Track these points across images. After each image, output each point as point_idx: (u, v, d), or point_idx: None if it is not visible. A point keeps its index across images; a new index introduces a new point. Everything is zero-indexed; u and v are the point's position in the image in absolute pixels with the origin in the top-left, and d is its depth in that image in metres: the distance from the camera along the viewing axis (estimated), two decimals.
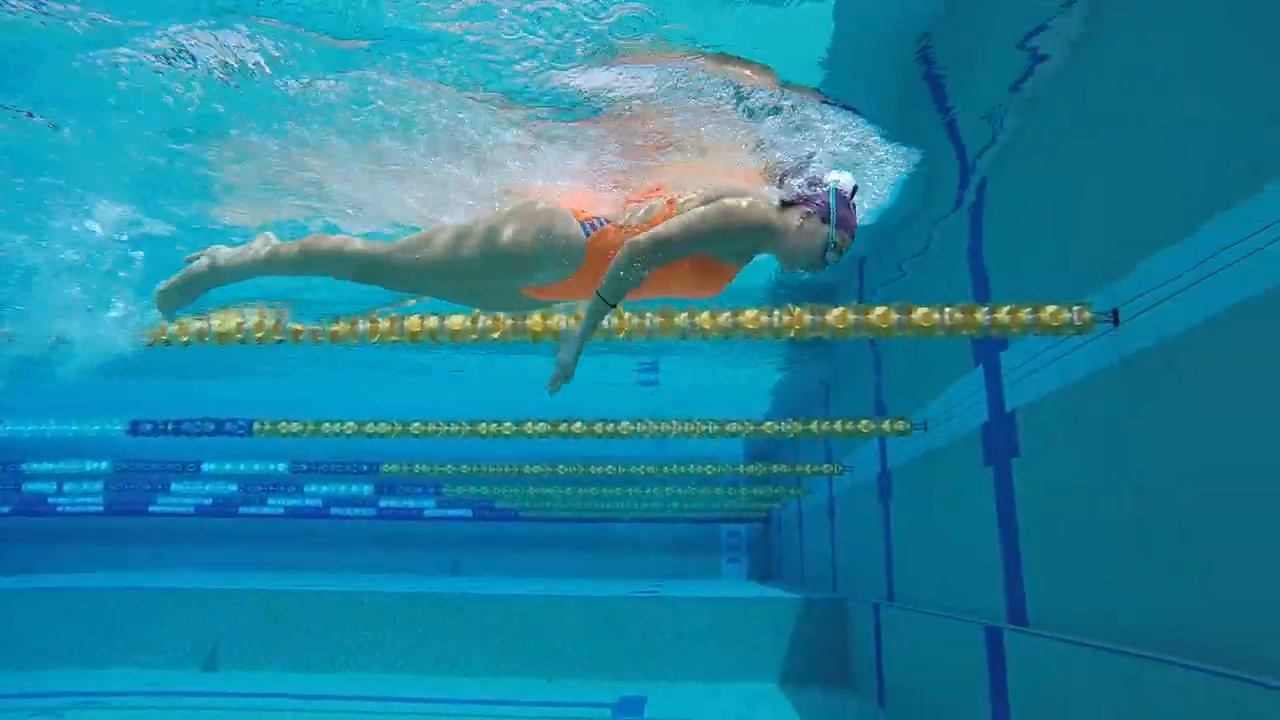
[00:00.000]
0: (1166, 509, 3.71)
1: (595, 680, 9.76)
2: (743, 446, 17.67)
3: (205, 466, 10.90)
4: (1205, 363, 3.40)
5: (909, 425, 7.20)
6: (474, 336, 4.46)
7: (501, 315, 4.36)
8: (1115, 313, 4.04)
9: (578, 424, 7.68)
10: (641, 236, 2.41)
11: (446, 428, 7.80)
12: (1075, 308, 4.07)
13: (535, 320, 4.21)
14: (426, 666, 10.11)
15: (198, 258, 3.02)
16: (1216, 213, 3.23)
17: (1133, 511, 4.00)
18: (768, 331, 4.12)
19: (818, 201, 2.64)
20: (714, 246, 2.48)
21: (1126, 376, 4.03)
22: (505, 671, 9.98)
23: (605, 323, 4.28)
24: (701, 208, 2.48)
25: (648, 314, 4.17)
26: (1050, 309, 4.06)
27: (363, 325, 4.66)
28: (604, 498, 16.03)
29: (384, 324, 4.64)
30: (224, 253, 3.00)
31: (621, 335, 4.25)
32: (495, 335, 4.45)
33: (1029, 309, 4.08)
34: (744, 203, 2.50)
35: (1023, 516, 5.27)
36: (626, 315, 4.32)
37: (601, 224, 2.67)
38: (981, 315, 4.08)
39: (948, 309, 4.13)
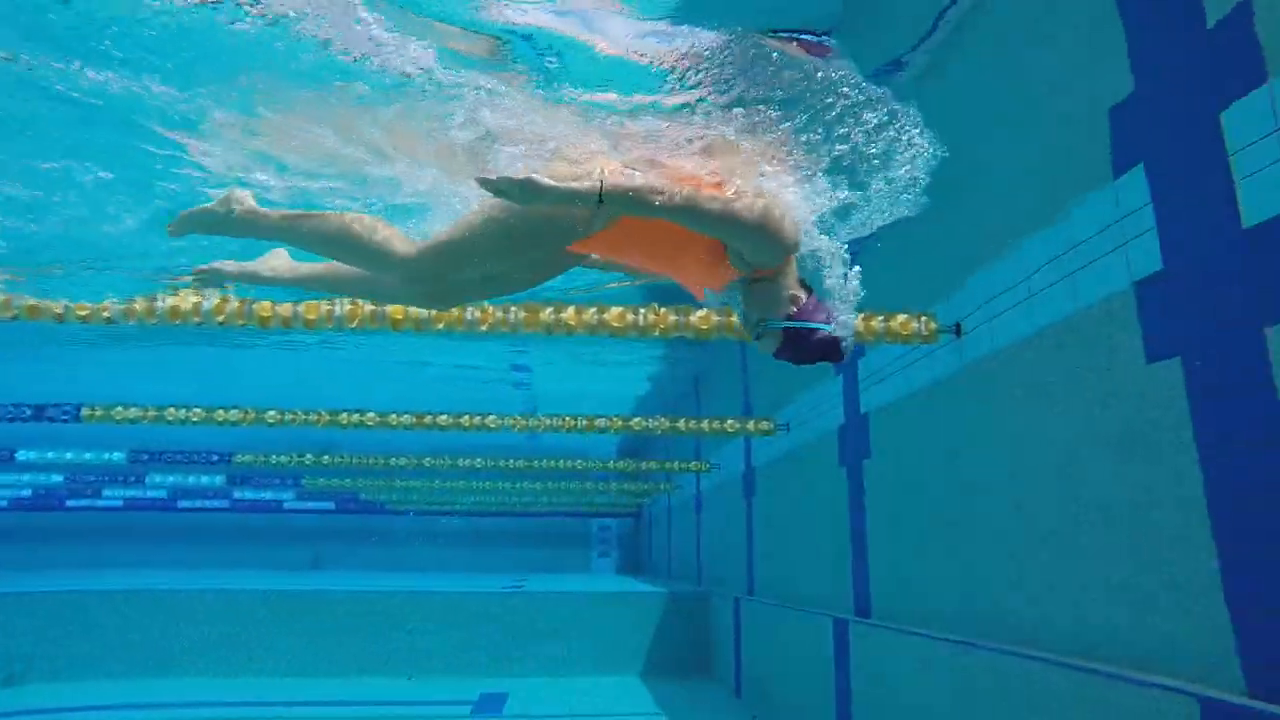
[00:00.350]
0: (986, 506, 4.01)
1: (457, 677, 9.57)
2: (615, 443, 17.80)
3: (20, 455, 9.88)
4: (1029, 372, 3.69)
5: (773, 425, 7.45)
6: (330, 325, 4.26)
7: (362, 303, 4.17)
8: (958, 326, 4.32)
9: (443, 416, 7.49)
10: (685, 188, 2.27)
11: (305, 417, 7.42)
12: (923, 318, 4.31)
13: (395, 310, 4.06)
14: (278, 668, 9.60)
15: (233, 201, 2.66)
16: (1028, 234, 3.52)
17: (960, 509, 4.30)
18: (633, 330, 4.15)
19: (812, 309, 2.41)
20: (736, 239, 2.33)
21: (964, 383, 4.33)
22: (364, 670, 9.62)
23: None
24: (750, 199, 2.39)
25: (511, 309, 4.11)
26: (900, 318, 4.28)
27: (207, 303, 4.34)
28: (473, 491, 15.75)
29: (233, 305, 4.35)
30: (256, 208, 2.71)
31: (485, 328, 4.16)
32: (353, 324, 4.27)
33: (881, 318, 4.29)
34: (786, 220, 2.38)
35: (871, 515, 5.56)
36: (491, 309, 4.23)
37: None
38: None
39: None
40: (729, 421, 7.52)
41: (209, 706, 7.94)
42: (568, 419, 7.63)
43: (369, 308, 4.20)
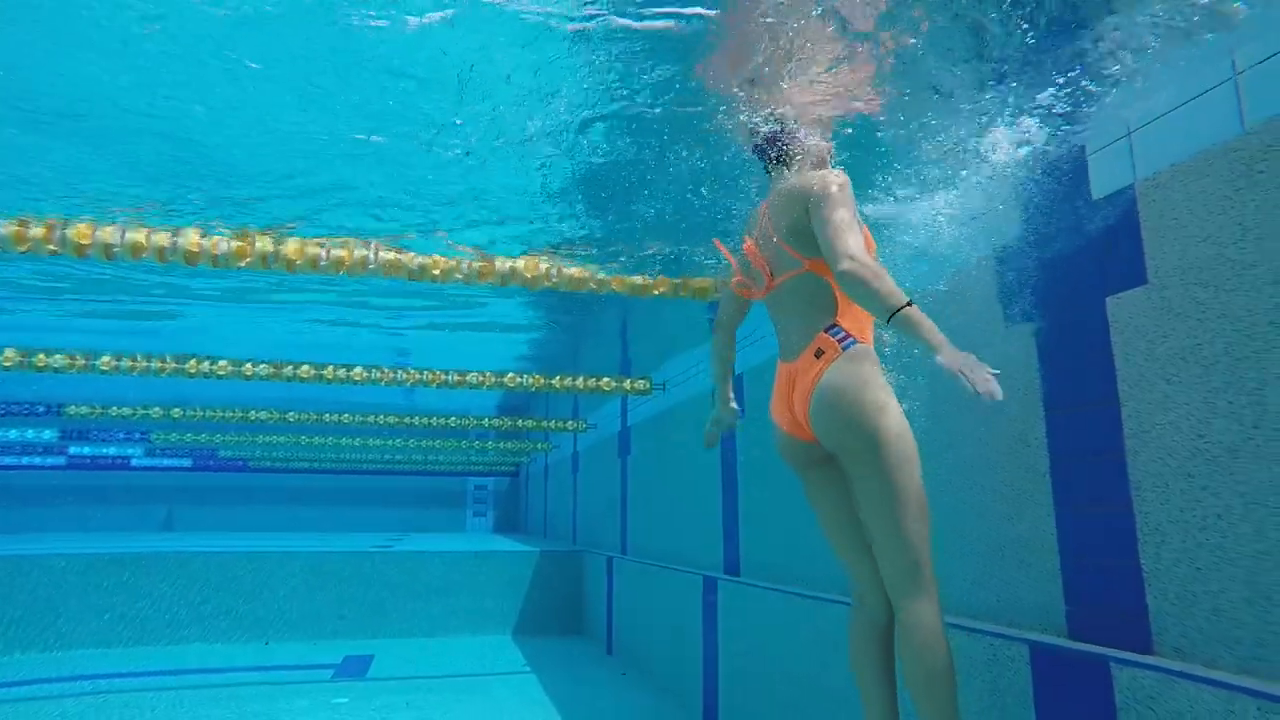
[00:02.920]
0: None
1: (321, 641, 9.19)
2: (494, 402, 17.47)
3: None
4: None
5: (650, 385, 7.43)
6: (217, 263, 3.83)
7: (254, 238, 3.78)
8: None
9: (305, 367, 7.04)
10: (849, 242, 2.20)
11: (146, 364, 6.79)
12: None
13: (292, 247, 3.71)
14: (124, 637, 8.91)
15: None
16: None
17: (791, 483, 4.40)
18: (493, 277, 3.98)
19: None
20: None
21: None
22: (220, 637, 9.08)
23: (356, 259, 3.89)
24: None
25: (373, 243, 3.84)
26: None
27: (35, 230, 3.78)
28: (343, 448, 15.09)
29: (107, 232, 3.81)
30: None
31: (344, 271, 3.87)
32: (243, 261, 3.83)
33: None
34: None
35: (743, 474, 5.64)
36: (356, 251, 3.94)
37: None
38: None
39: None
40: (605, 380, 7.44)
41: (42, 684, 7.28)
42: (438, 373, 7.34)
43: (262, 244, 3.79)
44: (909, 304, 2.06)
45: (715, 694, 5.47)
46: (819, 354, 2.35)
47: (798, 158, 2.65)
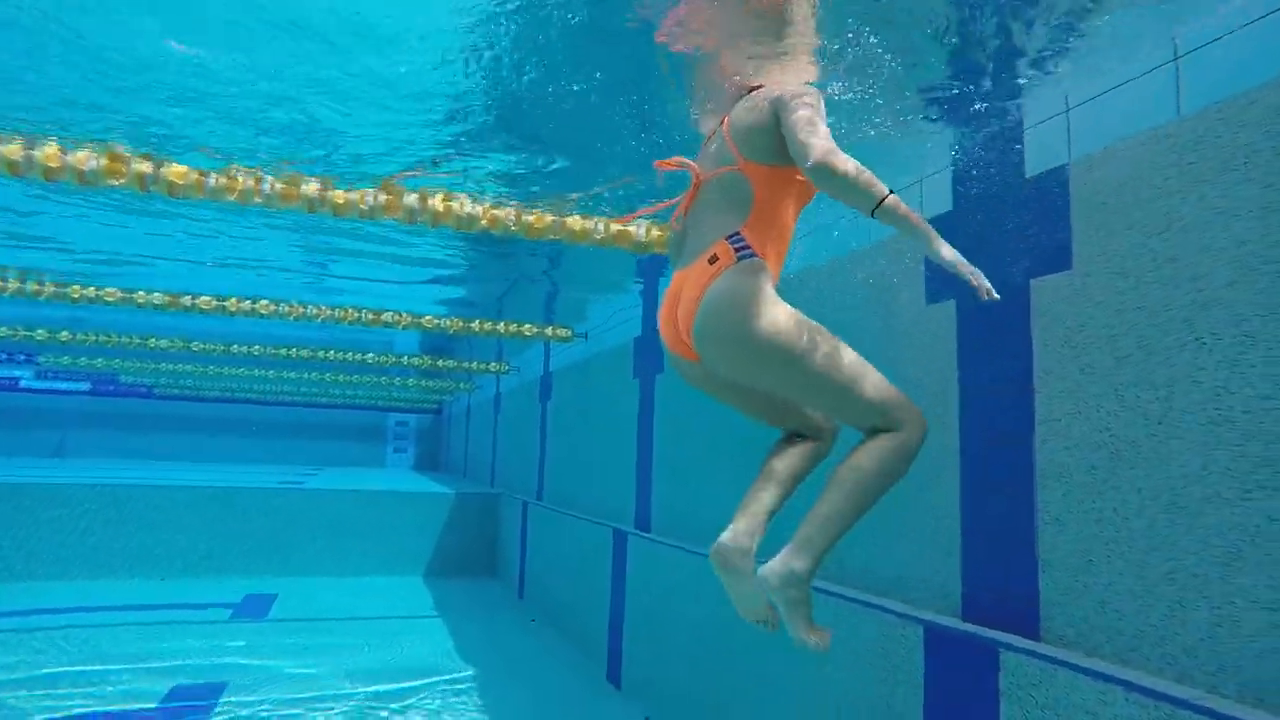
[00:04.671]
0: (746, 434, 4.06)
1: (221, 578, 8.90)
2: (418, 339, 17.01)
3: None
4: (815, 303, 3.69)
5: (571, 333, 7.25)
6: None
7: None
8: None
9: (205, 298, 6.60)
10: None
11: (20, 286, 6.25)
12: None
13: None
14: (3, 572, 8.42)
15: None
16: None
17: (729, 434, 4.34)
18: (399, 213, 3.73)
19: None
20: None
21: None
22: (112, 573, 8.68)
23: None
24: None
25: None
26: None
27: None
28: (255, 379, 14.48)
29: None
30: None
31: (234, 198, 3.54)
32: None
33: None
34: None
35: (659, 430, 5.56)
36: (243, 180, 3.60)
37: None
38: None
39: (601, 221, 4.03)
40: (527, 326, 7.22)
41: None
42: (351, 310, 7.00)
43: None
44: (891, 193, 1.86)
45: (620, 645, 5.48)
46: (712, 260, 2.11)
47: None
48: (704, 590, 4.26)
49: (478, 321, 7.14)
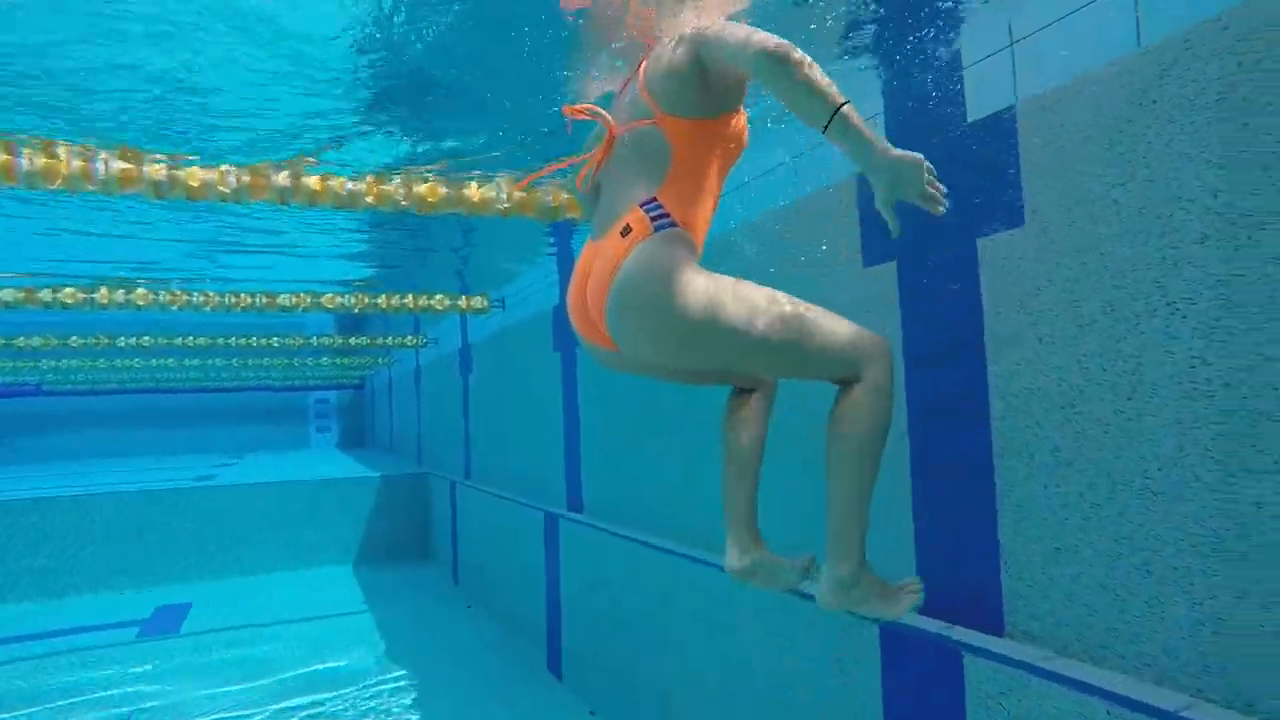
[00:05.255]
0: (672, 410, 3.79)
1: (131, 592, 8.28)
2: (331, 319, 16.16)
3: None
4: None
5: (487, 302, 6.81)
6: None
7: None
8: None
9: (69, 290, 5.90)
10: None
11: None
12: None
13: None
14: None
15: None
16: None
17: (654, 413, 4.06)
18: (268, 193, 3.25)
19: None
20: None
21: None
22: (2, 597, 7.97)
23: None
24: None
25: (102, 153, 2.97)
26: None
27: None
28: (155, 369, 13.50)
29: None
30: None
31: (58, 186, 2.99)
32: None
33: None
34: None
35: (584, 407, 5.23)
36: (74, 162, 3.05)
37: None
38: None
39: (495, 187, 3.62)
40: (439, 297, 6.75)
41: None
42: (243, 296, 6.40)
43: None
44: (847, 102, 1.55)
45: (559, 633, 5.23)
46: (625, 232, 1.79)
47: None
48: (640, 578, 4.01)
49: (384, 297, 6.63)
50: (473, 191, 3.53)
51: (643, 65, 1.90)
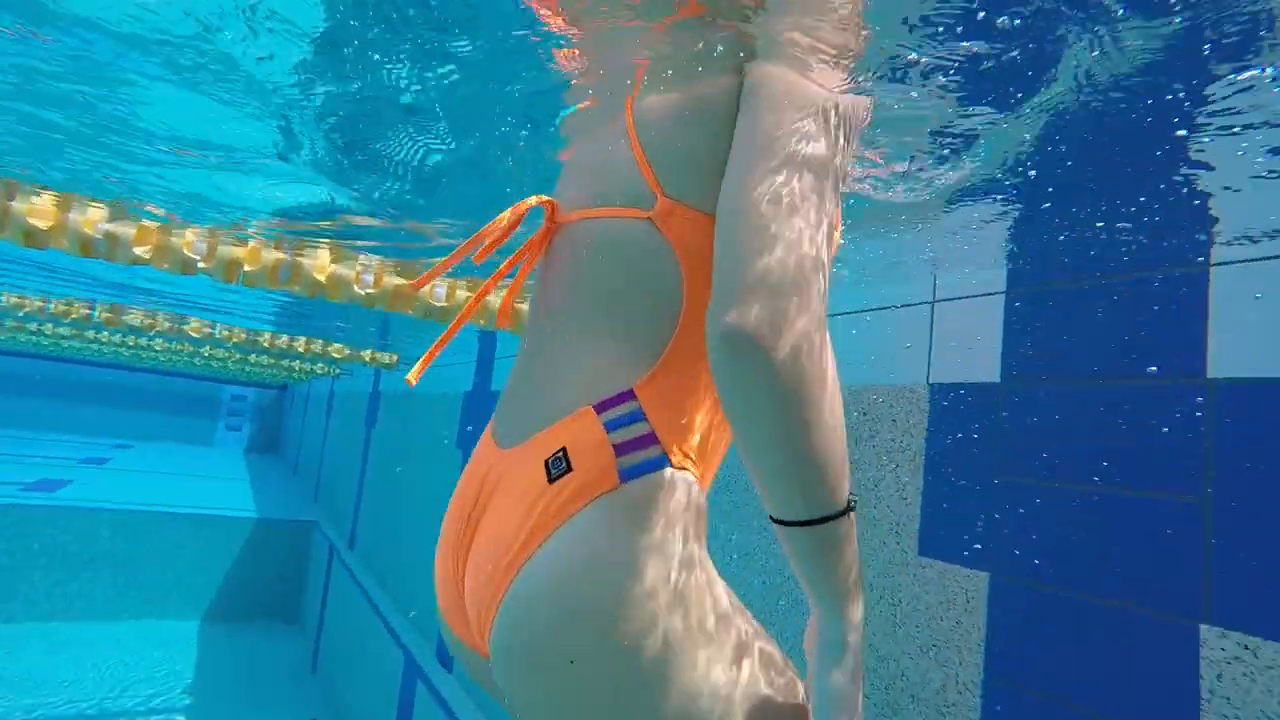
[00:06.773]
0: None
1: None
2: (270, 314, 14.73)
3: None
4: None
5: (396, 360, 5.66)
6: None
7: None
8: None
9: None
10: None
11: None
12: None
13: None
14: None
15: None
16: None
17: None
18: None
19: None
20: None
21: None
22: None
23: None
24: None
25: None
26: None
27: None
28: (41, 335, 11.93)
29: None
30: None
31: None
32: None
33: None
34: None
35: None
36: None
37: None
38: None
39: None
40: (334, 346, 5.59)
41: None
42: (159, 316, 5.18)
43: None
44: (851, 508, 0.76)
45: None
46: (557, 465, 0.78)
47: None
48: None
49: (286, 338, 5.46)
50: (318, 264, 2.37)
51: (629, 103, 0.92)
